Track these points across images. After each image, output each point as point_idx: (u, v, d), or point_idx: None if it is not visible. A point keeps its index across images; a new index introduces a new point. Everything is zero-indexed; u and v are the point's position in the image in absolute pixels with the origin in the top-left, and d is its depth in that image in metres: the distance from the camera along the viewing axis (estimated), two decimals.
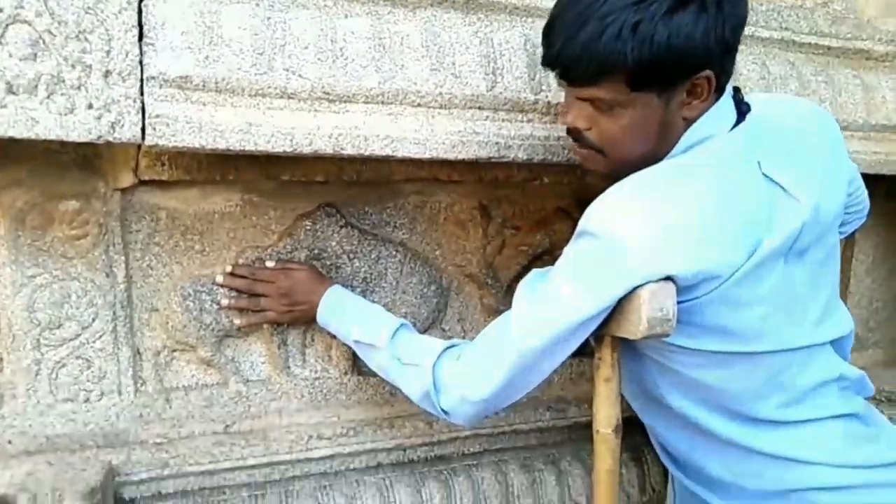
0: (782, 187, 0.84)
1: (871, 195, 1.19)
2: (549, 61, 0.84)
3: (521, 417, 1.25)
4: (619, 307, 0.81)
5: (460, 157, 0.96)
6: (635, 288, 0.77)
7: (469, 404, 0.89)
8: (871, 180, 1.30)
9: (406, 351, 0.95)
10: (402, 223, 1.16)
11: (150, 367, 1.05)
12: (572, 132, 0.89)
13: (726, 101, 0.86)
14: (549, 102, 1.01)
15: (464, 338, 1.26)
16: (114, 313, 1.00)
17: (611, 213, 0.79)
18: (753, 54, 1.23)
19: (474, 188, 1.18)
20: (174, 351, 1.07)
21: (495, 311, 1.23)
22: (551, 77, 1.03)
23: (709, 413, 0.90)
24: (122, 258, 0.99)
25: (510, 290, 1.24)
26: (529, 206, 1.22)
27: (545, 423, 1.27)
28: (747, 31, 1.20)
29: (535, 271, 0.90)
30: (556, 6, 0.84)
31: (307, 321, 1.07)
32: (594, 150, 0.88)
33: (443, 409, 0.91)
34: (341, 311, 1.02)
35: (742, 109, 0.86)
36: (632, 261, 0.76)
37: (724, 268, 0.78)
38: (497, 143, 0.98)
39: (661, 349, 0.86)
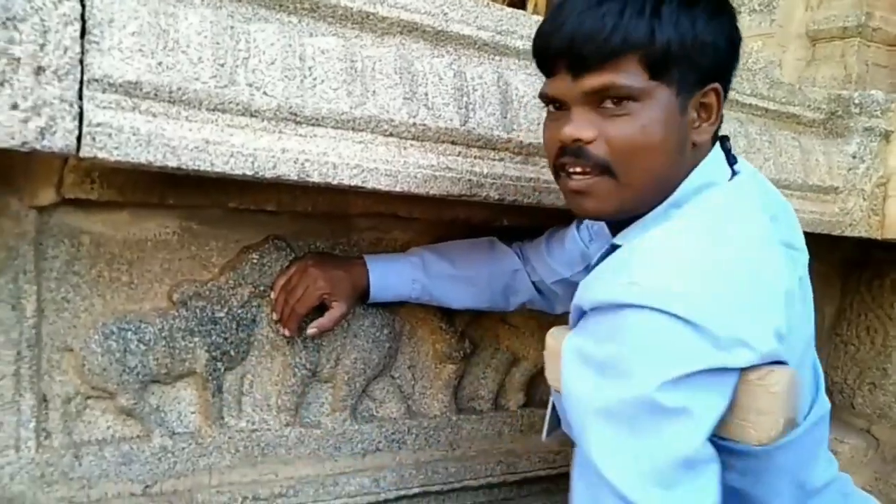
0: (789, 242, 0.77)
1: None
2: (556, 44, 0.72)
3: (470, 473, 1.18)
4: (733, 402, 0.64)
5: (432, 192, 0.90)
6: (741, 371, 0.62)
7: None
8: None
9: None
10: None
11: (58, 418, 0.89)
12: (572, 151, 0.72)
13: (719, 149, 0.79)
14: (521, 142, 0.98)
15: (413, 385, 1.18)
16: (18, 353, 0.85)
17: (682, 276, 0.63)
18: None
19: (432, 227, 1.12)
20: (88, 398, 0.92)
21: (448, 358, 1.16)
22: (521, 117, 1.00)
23: None
24: (34, 288, 0.85)
25: (464, 336, 1.18)
26: None
27: (495, 479, 1.20)
28: None
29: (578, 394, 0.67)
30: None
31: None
32: (599, 174, 0.71)
33: None
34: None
35: (730, 160, 0.80)
36: (737, 329, 0.62)
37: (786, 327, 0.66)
38: (469, 181, 0.93)
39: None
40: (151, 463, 0.95)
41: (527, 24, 1.04)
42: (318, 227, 1.05)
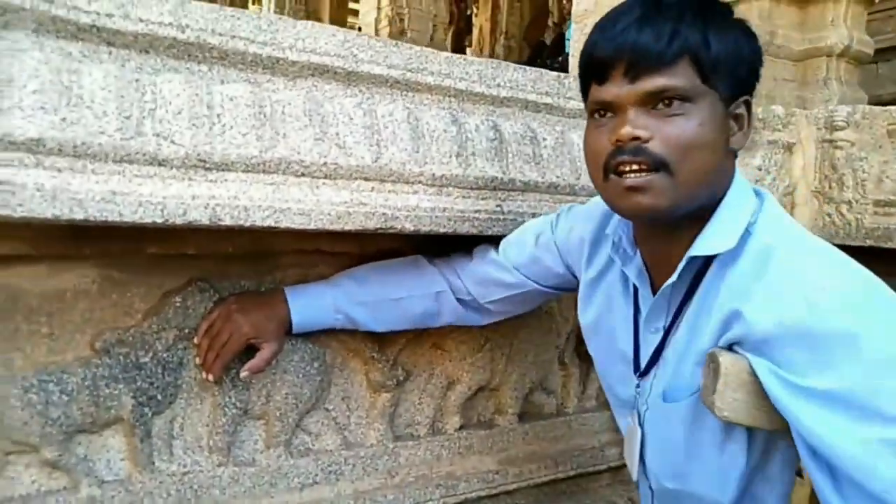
0: None
1: None
2: (616, 49, 0.76)
3: (410, 499, 1.19)
4: None
5: (347, 227, 0.93)
6: None
7: None
8: None
9: None
10: None
11: None
12: (630, 150, 0.75)
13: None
14: (433, 174, 1.02)
15: (348, 416, 1.20)
16: None
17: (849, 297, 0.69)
18: None
19: (356, 260, 1.15)
20: (9, 454, 0.91)
21: (382, 387, 1.19)
22: (434, 150, 1.04)
23: None
24: None
25: (396, 363, 1.21)
26: None
27: (435, 503, 1.22)
28: None
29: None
30: (614, 11, 0.80)
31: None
32: (656, 171, 0.74)
33: None
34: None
35: None
36: None
37: None
38: (384, 214, 0.97)
39: None
40: None
41: (436, 60, 1.09)
42: (242, 267, 1.06)
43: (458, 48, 8.29)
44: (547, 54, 7.05)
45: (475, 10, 8.55)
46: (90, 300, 0.95)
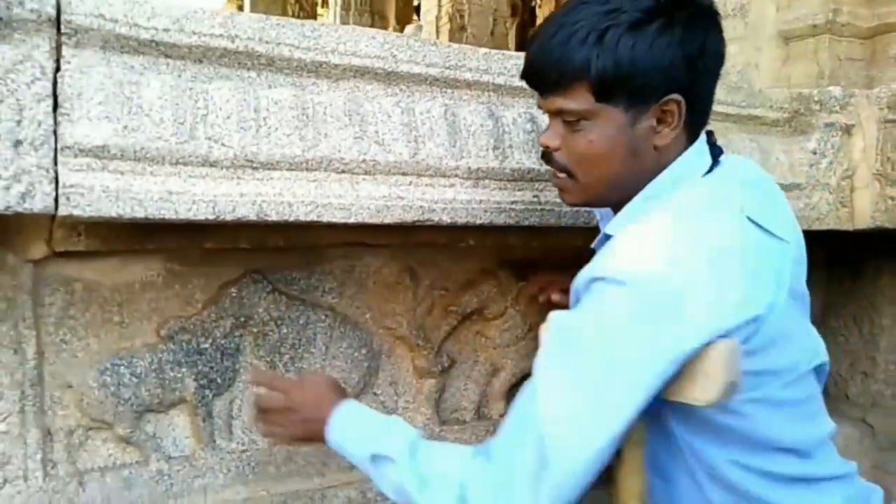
0: (769, 231, 0.80)
1: None
2: (523, 72, 0.86)
3: None
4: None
5: (385, 221, 0.98)
6: (700, 347, 0.69)
7: None
8: None
9: (427, 462, 0.79)
10: (330, 287, 1.16)
11: (62, 449, 0.99)
12: (546, 156, 0.87)
13: (703, 143, 0.85)
14: (469, 168, 1.05)
15: (396, 400, 1.25)
16: (22, 392, 0.94)
17: (647, 254, 0.72)
18: None
19: (401, 251, 1.20)
20: (89, 430, 1.01)
21: (427, 373, 1.23)
22: (470, 144, 1.08)
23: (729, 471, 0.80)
24: (33, 333, 0.95)
25: (441, 350, 1.25)
26: (456, 268, 1.25)
27: None
28: None
29: (550, 340, 0.76)
30: (540, 23, 0.86)
31: (318, 439, 0.89)
32: (566, 174, 0.85)
33: None
34: (357, 424, 0.87)
35: (715, 153, 0.86)
36: (693, 312, 0.69)
37: (763, 308, 0.73)
38: (421, 207, 1.01)
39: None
40: (150, 486, 1.03)
41: (474, 56, 1.12)
42: (293, 259, 1.13)
43: (522, 41, 8.22)
44: None
45: (538, 1, 8.46)
46: (156, 291, 1.03)
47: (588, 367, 0.71)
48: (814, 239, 1.60)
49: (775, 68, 2.12)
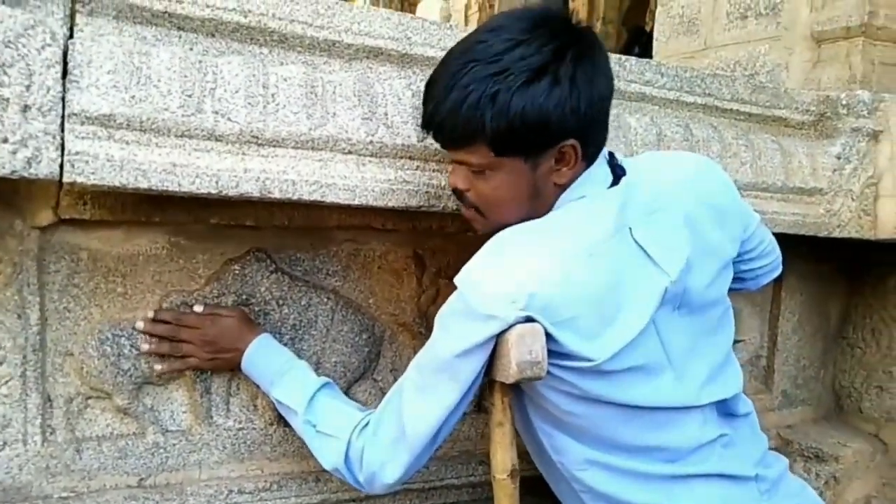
0: (650, 256, 0.86)
1: (794, 255, 1.25)
2: (424, 124, 0.91)
3: (453, 472, 1.23)
4: (496, 351, 0.83)
5: (390, 204, 0.97)
6: (502, 332, 0.80)
7: (382, 485, 0.92)
8: (792, 241, 1.36)
9: (322, 419, 0.96)
10: (334, 270, 1.15)
11: (61, 416, 1.00)
12: (456, 192, 0.94)
13: (601, 165, 0.91)
14: None
15: None
16: (24, 357, 0.95)
17: (473, 265, 0.84)
18: (678, 117, 1.29)
19: (408, 237, 1.19)
20: (88, 398, 1.02)
21: None
22: None
23: (590, 466, 0.90)
24: (37, 299, 0.95)
25: None
26: (463, 257, 1.22)
27: (477, 478, 1.24)
28: (672, 95, 1.28)
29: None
30: (434, 72, 0.89)
31: (231, 369, 1.05)
32: (475, 211, 0.92)
33: (358, 482, 0.94)
34: (266, 364, 1.01)
35: (617, 173, 0.91)
36: (489, 306, 0.79)
37: (595, 350, 0.81)
38: (427, 193, 1.00)
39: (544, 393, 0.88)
40: (145, 458, 1.04)
41: None
42: (298, 239, 1.13)
43: None
44: (646, 40, 6.83)
45: None
46: (159, 264, 1.04)
47: (425, 357, 0.88)
48: (833, 246, 1.57)
49: (805, 70, 2.06)
